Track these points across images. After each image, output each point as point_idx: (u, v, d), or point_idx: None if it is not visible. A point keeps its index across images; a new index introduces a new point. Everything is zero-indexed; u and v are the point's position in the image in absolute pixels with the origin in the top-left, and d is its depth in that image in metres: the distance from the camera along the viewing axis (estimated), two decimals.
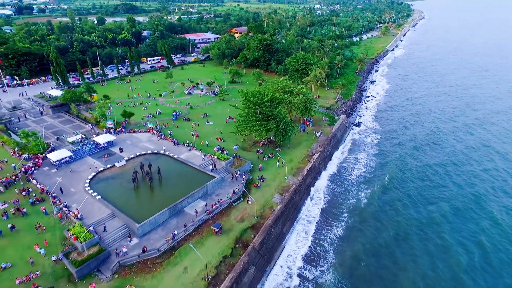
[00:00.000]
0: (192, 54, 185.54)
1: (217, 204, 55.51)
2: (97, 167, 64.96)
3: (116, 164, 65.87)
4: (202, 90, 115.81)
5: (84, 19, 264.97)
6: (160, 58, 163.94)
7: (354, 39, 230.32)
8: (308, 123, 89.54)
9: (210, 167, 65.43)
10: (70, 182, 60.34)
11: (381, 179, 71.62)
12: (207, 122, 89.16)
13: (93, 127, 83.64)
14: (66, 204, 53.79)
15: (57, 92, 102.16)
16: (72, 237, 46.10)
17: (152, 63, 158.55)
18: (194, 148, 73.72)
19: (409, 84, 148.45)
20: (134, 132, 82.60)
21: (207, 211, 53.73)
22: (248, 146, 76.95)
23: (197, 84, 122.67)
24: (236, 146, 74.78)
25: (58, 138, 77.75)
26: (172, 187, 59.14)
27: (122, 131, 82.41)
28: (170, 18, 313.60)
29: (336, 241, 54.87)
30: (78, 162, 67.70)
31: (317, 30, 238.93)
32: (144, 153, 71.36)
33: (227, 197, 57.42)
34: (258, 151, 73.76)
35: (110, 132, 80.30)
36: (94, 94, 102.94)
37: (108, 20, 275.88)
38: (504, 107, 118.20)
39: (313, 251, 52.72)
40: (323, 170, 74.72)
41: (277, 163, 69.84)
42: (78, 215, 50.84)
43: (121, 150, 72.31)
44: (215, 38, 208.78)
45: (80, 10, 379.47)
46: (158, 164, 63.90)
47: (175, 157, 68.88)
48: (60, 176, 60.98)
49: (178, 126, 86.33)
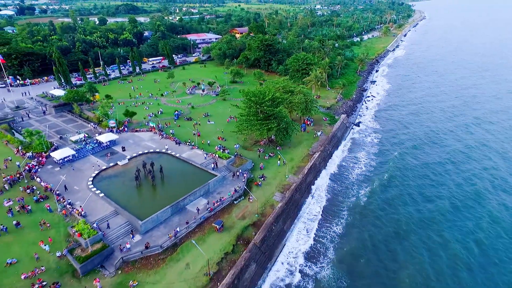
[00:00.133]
0: (193, 54, 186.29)
1: (218, 202, 56.22)
2: (100, 166, 65.82)
3: (118, 162, 66.68)
4: (203, 90, 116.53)
5: (85, 20, 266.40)
6: (161, 58, 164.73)
7: (355, 40, 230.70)
8: (308, 123, 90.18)
9: (212, 166, 66.16)
10: (74, 180, 61.14)
11: (380, 178, 72.25)
12: (209, 122, 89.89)
13: (95, 126, 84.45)
14: (70, 201, 54.58)
15: (59, 91, 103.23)
16: (76, 233, 46.88)
17: (153, 63, 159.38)
18: (196, 147, 74.45)
19: (409, 84, 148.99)
20: (136, 131, 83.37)
21: (209, 209, 54.46)
22: (249, 145, 77.64)
23: (198, 84, 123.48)
24: (237, 145, 75.46)
25: (61, 137, 78.57)
26: (174, 185, 59.88)
27: (124, 130, 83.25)
28: (171, 18, 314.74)
29: (336, 238, 55.52)
30: (81, 161, 68.51)
31: (318, 31, 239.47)
32: (146, 151, 72.18)
33: (229, 195, 58.13)
34: (259, 150, 74.44)
35: (112, 131, 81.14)
36: (96, 93, 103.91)
37: (109, 20, 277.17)
38: (503, 107, 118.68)
39: (313, 248, 53.36)
40: (324, 169, 75.32)
41: (278, 162, 70.53)
42: (82, 212, 51.60)
43: (123, 149, 73.06)
44: (216, 39, 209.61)
45: (81, 10, 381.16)
46: (160, 162, 64.54)
47: (177, 155, 69.67)
48: (63, 174, 61.81)
49: (179, 126, 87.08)
